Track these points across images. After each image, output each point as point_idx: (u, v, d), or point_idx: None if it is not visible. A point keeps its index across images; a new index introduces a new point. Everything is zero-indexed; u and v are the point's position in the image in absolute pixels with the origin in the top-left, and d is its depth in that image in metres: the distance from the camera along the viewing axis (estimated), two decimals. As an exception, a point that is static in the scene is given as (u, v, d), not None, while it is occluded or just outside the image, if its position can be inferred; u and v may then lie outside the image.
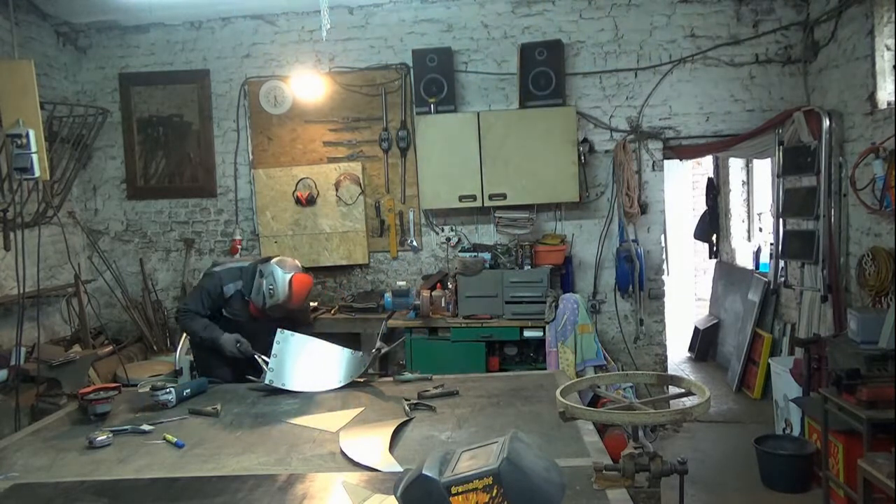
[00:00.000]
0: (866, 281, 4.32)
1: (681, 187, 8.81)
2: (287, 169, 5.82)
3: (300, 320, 4.03)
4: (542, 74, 5.34)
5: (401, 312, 5.25)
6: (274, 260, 3.68)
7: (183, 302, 3.83)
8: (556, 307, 5.02)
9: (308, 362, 3.31)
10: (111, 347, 5.44)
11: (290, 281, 3.58)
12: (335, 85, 5.79)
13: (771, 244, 5.78)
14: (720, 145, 5.62)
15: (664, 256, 5.78)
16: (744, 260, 7.27)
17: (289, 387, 3.22)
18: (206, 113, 5.98)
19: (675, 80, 5.55)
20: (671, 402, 4.10)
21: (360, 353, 3.44)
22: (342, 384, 3.29)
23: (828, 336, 4.54)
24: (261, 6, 5.70)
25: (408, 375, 3.42)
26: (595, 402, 3.70)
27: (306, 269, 5.71)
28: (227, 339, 3.61)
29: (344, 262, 5.85)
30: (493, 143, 5.33)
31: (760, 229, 6.99)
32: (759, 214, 7.05)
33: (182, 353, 4.95)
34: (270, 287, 3.57)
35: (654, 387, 2.75)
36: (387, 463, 2.29)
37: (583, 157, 5.45)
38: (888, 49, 4.38)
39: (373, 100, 5.78)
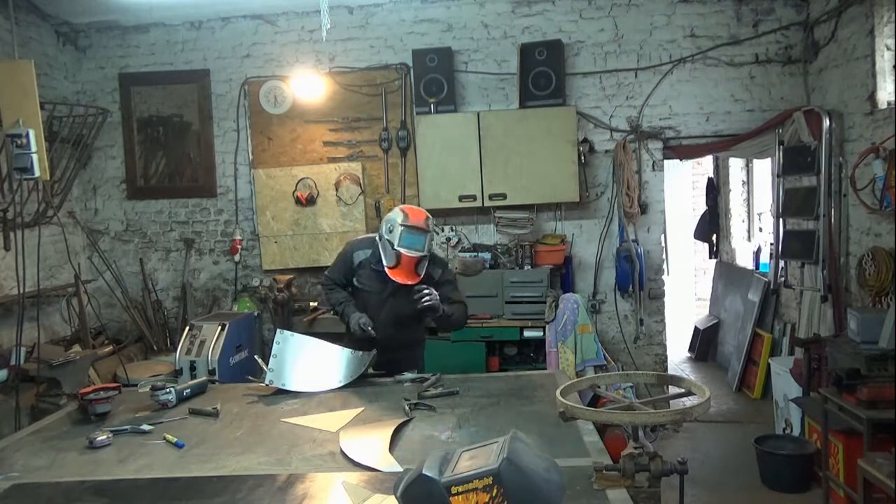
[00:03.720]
0: (866, 281, 4.32)
1: (681, 187, 8.81)
2: (287, 169, 5.82)
3: (455, 318, 3.58)
4: (542, 74, 5.34)
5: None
6: None
7: (327, 270, 3.82)
8: (556, 307, 5.02)
9: (308, 362, 3.31)
10: (111, 347, 5.45)
11: (402, 209, 3.47)
12: (335, 85, 5.79)
13: (771, 244, 5.78)
14: (720, 145, 5.62)
15: (664, 256, 5.78)
16: (744, 260, 7.27)
17: (289, 387, 3.22)
18: (206, 113, 5.98)
19: (675, 80, 5.55)
20: (671, 402, 4.10)
21: (360, 353, 3.44)
22: (342, 384, 3.29)
23: (828, 336, 4.55)
24: (261, 6, 5.70)
25: (408, 375, 3.42)
26: (595, 402, 3.69)
27: (306, 269, 5.79)
28: (354, 317, 3.51)
29: (344, 262, 5.85)
30: (493, 143, 5.33)
31: (760, 229, 6.99)
32: (759, 214, 7.05)
33: (182, 353, 4.97)
34: (390, 228, 3.40)
35: (654, 387, 2.75)
36: (387, 463, 2.29)
37: (583, 157, 5.45)
38: (888, 49, 4.38)
39: (373, 100, 5.78)
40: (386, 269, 3.40)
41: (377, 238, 3.52)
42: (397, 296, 3.50)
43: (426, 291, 3.36)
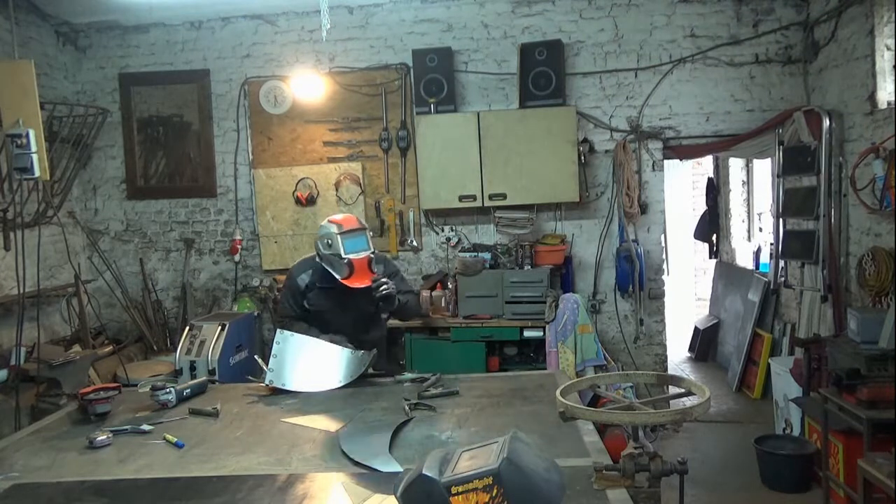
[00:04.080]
0: (866, 281, 4.32)
1: (681, 187, 8.81)
2: (287, 169, 5.83)
3: (411, 309, 3.79)
4: (542, 74, 5.34)
5: (401, 312, 5.24)
6: None
7: (279, 310, 3.74)
8: (556, 307, 5.02)
9: (308, 362, 3.31)
10: (111, 347, 5.44)
11: (330, 221, 3.50)
12: (335, 85, 5.79)
13: (771, 244, 5.78)
14: (720, 145, 5.62)
15: (664, 256, 5.78)
16: (744, 260, 7.27)
17: (289, 387, 3.22)
18: (206, 113, 5.99)
19: (675, 80, 5.55)
20: (671, 402, 4.09)
21: (361, 352, 3.44)
22: (342, 384, 3.29)
23: (828, 336, 4.55)
24: (261, 6, 5.70)
25: (408, 375, 3.42)
26: (595, 402, 3.69)
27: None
28: (324, 339, 3.49)
29: (344, 262, 5.84)
30: (493, 143, 5.33)
31: (760, 229, 6.99)
32: (759, 214, 7.05)
33: (182, 352, 4.97)
34: (329, 242, 3.42)
35: (654, 387, 2.75)
36: (387, 463, 2.29)
37: (583, 157, 5.45)
38: (888, 49, 4.38)
39: (373, 100, 5.78)
40: (342, 281, 3.43)
41: (316, 258, 3.56)
42: (354, 301, 3.52)
43: (383, 280, 3.44)
